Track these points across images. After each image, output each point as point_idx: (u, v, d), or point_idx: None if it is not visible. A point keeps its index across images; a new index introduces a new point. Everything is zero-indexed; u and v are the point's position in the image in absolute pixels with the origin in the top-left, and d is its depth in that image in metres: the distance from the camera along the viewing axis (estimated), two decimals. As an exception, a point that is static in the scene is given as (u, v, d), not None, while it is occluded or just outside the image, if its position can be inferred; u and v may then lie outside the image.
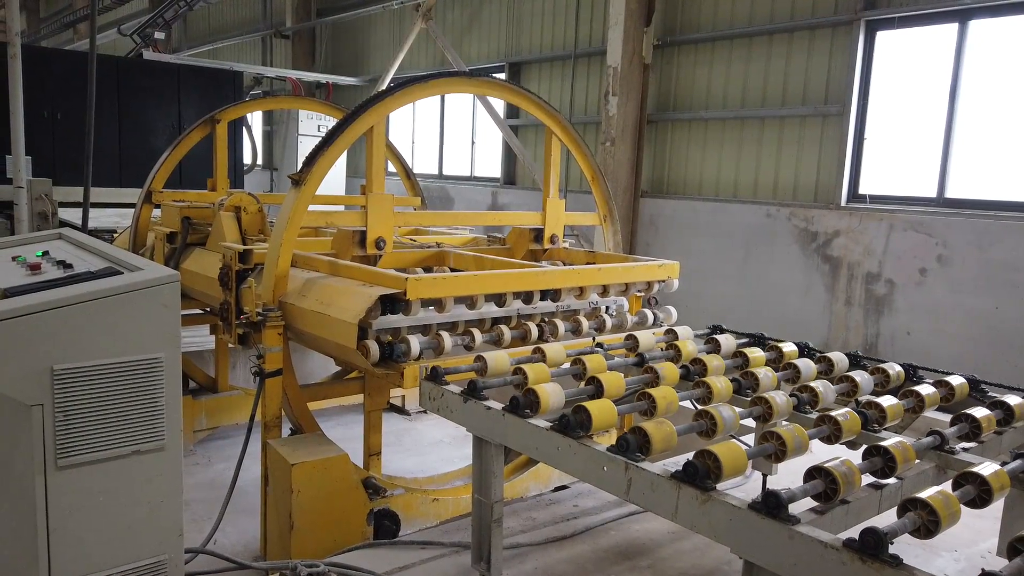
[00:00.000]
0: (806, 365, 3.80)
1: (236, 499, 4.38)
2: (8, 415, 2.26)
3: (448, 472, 5.32)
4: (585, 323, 4.52)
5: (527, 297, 4.32)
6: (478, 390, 3.30)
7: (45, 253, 2.93)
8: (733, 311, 9.01)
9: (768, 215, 8.74)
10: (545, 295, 4.35)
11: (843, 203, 8.18)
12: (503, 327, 4.17)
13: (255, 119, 18.22)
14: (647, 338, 4.17)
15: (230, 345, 5.07)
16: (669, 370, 3.64)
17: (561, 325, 4.37)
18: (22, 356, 2.18)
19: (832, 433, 2.98)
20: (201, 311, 6.43)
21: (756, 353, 4.04)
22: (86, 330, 2.28)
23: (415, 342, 3.81)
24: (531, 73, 12.20)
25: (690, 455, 2.54)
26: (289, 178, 4.25)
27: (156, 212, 6.27)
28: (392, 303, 3.79)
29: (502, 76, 12.24)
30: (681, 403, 3.21)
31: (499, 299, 4.19)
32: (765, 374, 3.61)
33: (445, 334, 3.92)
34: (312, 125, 14.75)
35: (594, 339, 4.47)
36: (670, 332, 4.33)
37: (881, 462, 2.65)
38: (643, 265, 4.90)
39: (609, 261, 5.04)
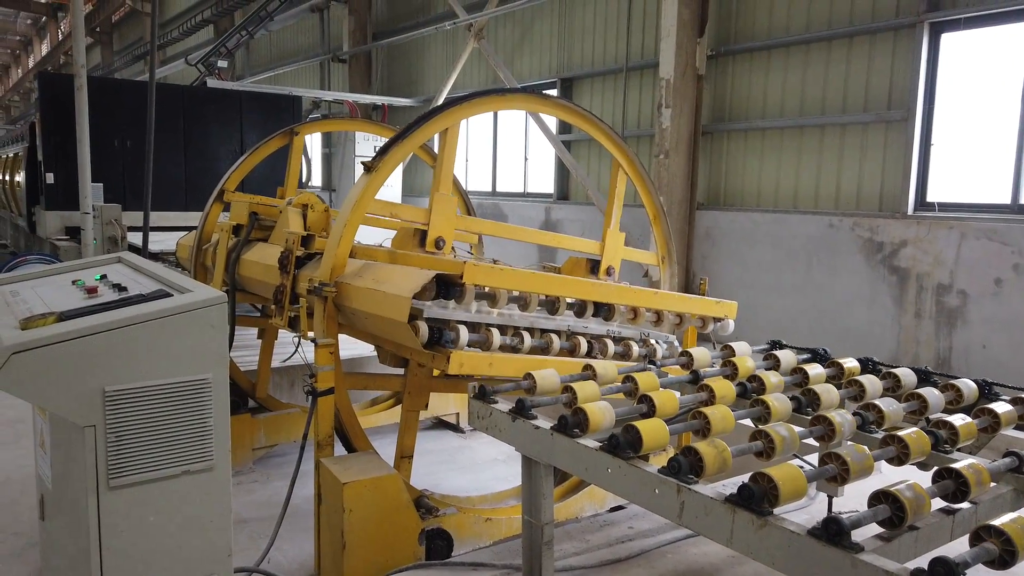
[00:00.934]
0: (871, 382, 3.62)
1: (295, 518, 4.41)
2: (63, 436, 2.31)
3: (502, 491, 5.26)
4: (635, 348, 4.41)
5: (579, 310, 4.25)
6: (526, 409, 3.24)
7: (103, 276, 3.01)
8: (794, 325, 8.74)
9: (830, 225, 8.47)
10: (598, 311, 4.27)
11: (910, 212, 7.87)
12: (552, 335, 4.11)
13: (314, 141, 18.68)
14: (702, 355, 4.05)
15: (283, 330, 5.02)
16: (725, 388, 3.51)
17: (611, 345, 4.28)
18: (75, 378, 2.23)
19: (899, 454, 2.82)
20: (252, 309, 6.52)
21: (817, 370, 3.88)
22: (137, 352, 2.32)
23: (464, 331, 3.76)
24: (583, 88, 12.18)
25: (746, 477, 2.43)
26: (362, 164, 4.28)
27: (224, 216, 6.41)
28: (447, 288, 3.74)
29: (554, 92, 12.25)
30: (738, 422, 3.09)
31: (552, 307, 4.12)
32: (827, 391, 3.46)
33: (495, 330, 3.87)
34: (368, 147, 15.01)
35: (647, 357, 4.37)
36: (727, 348, 4.20)
37: (953, 485, 2.49)
38: (699, 299, 4.77)
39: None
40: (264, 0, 16.95)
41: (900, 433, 2.81)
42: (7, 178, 14.40)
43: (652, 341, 4.62)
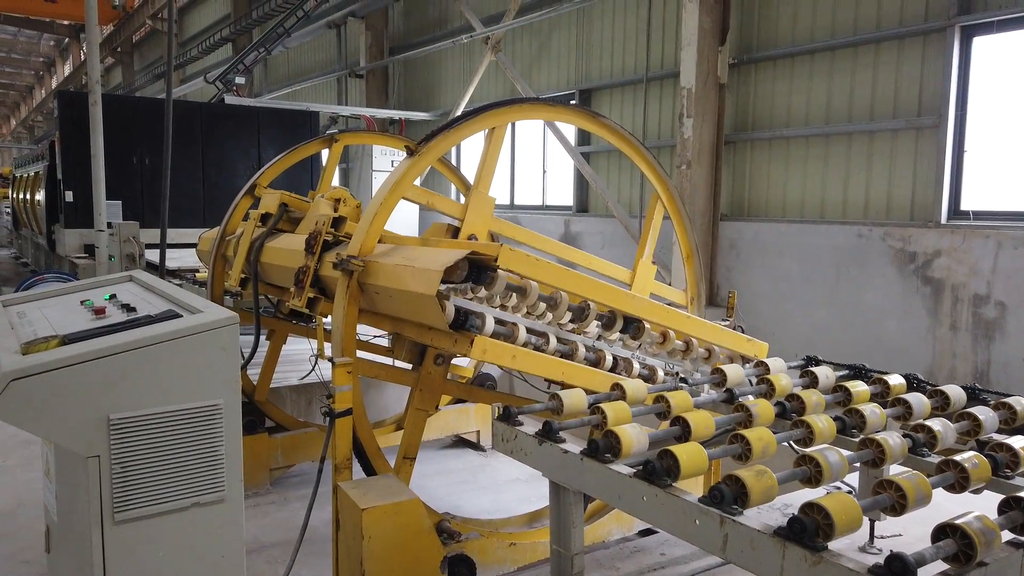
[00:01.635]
0: (918, 401, 3.42)
1: (314, 543, 4.27)
2: (67, 466, 2.17)
3: (526, 513, 5.08)
4: (661, 372, 4.23)
5: (608, 322, 4.08)
6: (554, 432, 3.08)
7: (112, 296, 2.89)
8: (824, 338, 8.50)
9: (860, 235, 8.24)
10: (627, 327, 4.09)
11: (943, 220, 7.63)
12: (578, 341, 3.94)
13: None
14: (736, 372, 3.87)
15: (299, 308, 4.80)
16: (763, 408, 3.32)
17: (636, 365, 4.10)
18: (78, 405, 2.10)
19: (958, 480, 2.62)
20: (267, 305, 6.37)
21: (859, 387, 3.68)
22: (143, 377, 2.19)
23: (490, 319, 3.61)
24: (602, 99, 12.04)
25: (787, 498, 2.24)
26: (406, 147, 4.15)
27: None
28: (479, 272, 3.59)
29: (574, 103, 12.12)
30: (779, 444, 2.91)
31: (580, 313, 3.96)
32: (872, 411, 3.26)
33: (521, 326, 3.72)
34: (386, 161, 14.97)
35: (677, 374, 4.18)
36: (761, 365, 4.01)
37: (1022, 516, 2.29)
38: (732, 333, 4.58)
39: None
40: (281, 17, 17.01)
41: (958, 458, 2.62)
42: (29, 197, 14.50)
43: (677, 371, 4.45)
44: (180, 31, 30.63)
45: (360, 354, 5.23)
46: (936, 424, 3.02)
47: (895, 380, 3.70)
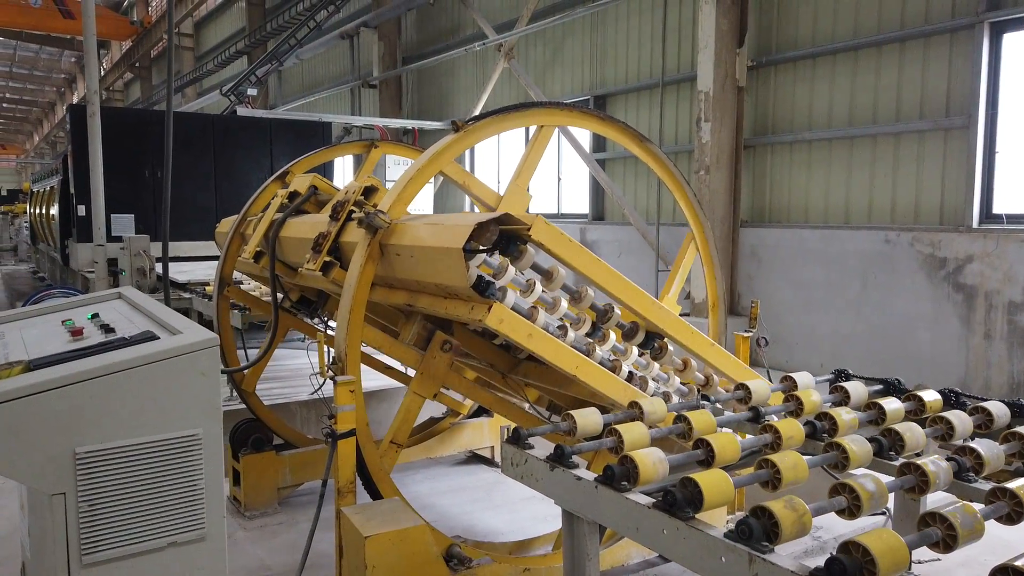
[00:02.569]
0: (959, 419, 3.17)
1: (322, 567, 4.07)
2: (36, 501, 1.98)
3: (541, 536, 4.86)
4: (675, 398, 3.99)
5: (629, 333, 3.85)
6: (566, 456, 2.87)
7: (95, 316, 2.71)
8: (850, 348, 8.21)
9: (887, 241, 7.95)
10: (648, 342, 3.86)
11: (975, 224, 7.34)
12: (595, 343, 3.73)
13: (345, 164, 18.61)
14: (761, 389, 3.63)
15: (311, 273, 4.53)
16: (791, 428, 3.09)
17: (652, 383, 3.86)
18: (40, 438, 1.92)
19: (1012, 511, 2.38)
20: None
21: (893, 404, 3.43)
22: (113, 406, 2.00)
23: (512, 294, 3.42)
24: (617, 104, 11.84)
25: (819, 520, 2.01)
26: (452, 122, 3.98)
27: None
28: (508, 242, 3.39)
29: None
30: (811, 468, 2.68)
31: (603, 316, 3.73)
32: (910, 431, 3.02)
33: (542, 310, 3.53)
34: (399, 172, 14.84)
35: (699, 391, 3.95)
36: (787, 380, 3.76)
37: (1091, 556, 2.04)
38: (757, 375, 4.35)
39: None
40: (293, 28, 17.01)
41: (1011, 486, 2.38)
42: (44, 211, 14.53)
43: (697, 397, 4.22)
44: (197, 45, 30.88)
45: (363, 361, 5.05)
46: (982, 447, 2.78)
47: (931, 396, 3.45)
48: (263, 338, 6.78)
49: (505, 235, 3.38)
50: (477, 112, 14.15)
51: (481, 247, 3.30)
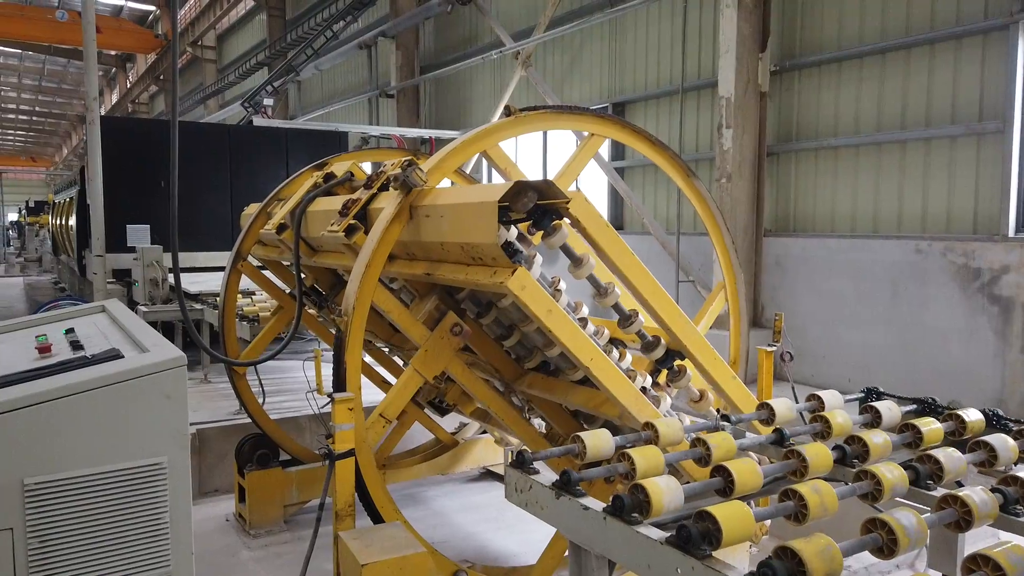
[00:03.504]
0: (1002, 443, 2.91)
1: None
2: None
3: (554, 557, 4.62)
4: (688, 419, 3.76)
5: (649, 345, 3.63)
6: (573, 483, 2.64)
7: (69, 331, 2.55)
8: (878, 363, 7.89)
9: (917, 251, 7.64)
10: (668, 359, 3.63)
11: (1011, 233, 7.02)
12: (612, 345, 3.52)
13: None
14: (785, 408, 3.39)
15: (333, 236, 4.36)
16: (819, 453, 2.84)
17: (667, 399, 3.63)
18: (-15, 468, 1.75)
19: (1069, 552, 2.12)
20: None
21: (931, 426, 3.17)
22: (68, 432, 1.83)
23: (537, 265, 3.25)
24: (636, 111, 11.62)
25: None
26: (505, 107, 3.83)
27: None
28: (542, 216, 3.22)
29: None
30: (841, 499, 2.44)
31: (626, 320, 3.52)
32: (951, 458, 2.76)
33: (564, 295, 3.41)
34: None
35: (719, 411, 3.71)
36: (813, 399, 3.51)
37: None
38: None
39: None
40: (311, 38, 17.03)
41: (1068, 523, 2.12)
42: (63, 222, 14.60)
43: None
44: (219, 57, 31.15)
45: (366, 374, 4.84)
46: (1032, 476, 2.52)
47: (972, 416, 3.19)
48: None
49: (541, 209, 3.20)
50: (495, 120, 14.04)
51: (517, 209, 3.13)
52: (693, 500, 2.51)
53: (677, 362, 3.69)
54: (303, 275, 5.51)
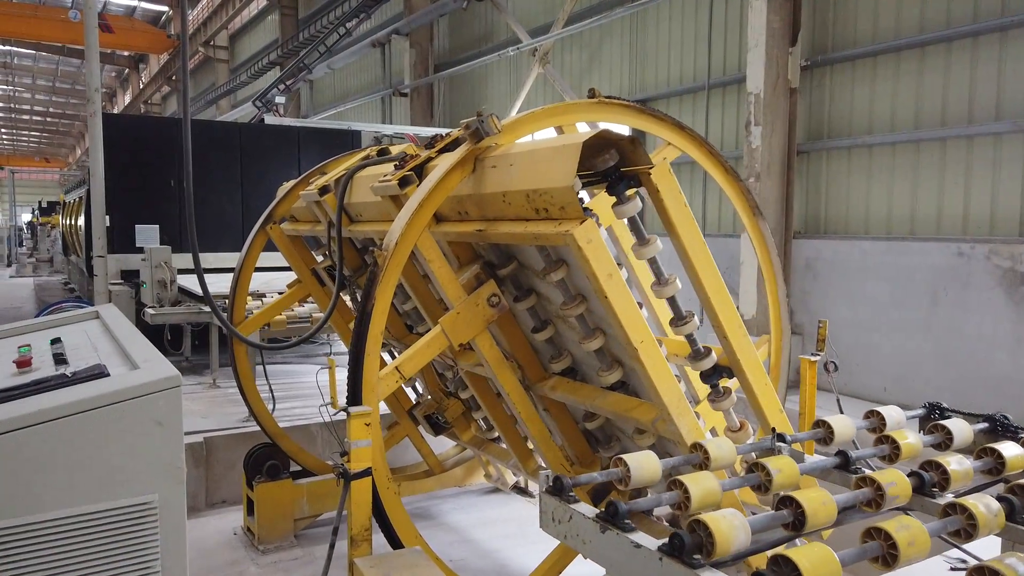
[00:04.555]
0: (1104, 472, 2.57)
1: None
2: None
3: (581, 581, 4.31)
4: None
5: (698, 354, 3.32)
6: (620, 516, 2.32)
7: (56, 341, 2.26)
8: (918, 371, 7.54)
9: (959, 254, 7.28)
10: (715, 374, 3.32)
11: (1061, 236, 6.66)
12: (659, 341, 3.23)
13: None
14: (845, 426, 3.06)
15: (381, 188, 4.09)
16: (896, 482, 2.51)
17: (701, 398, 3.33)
18: (-62, 511, 1.46)
19: None
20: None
21: (1013, 450, 2.83)
22: (41, 467, 1.53)
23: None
24: (658, 108, 11.29)
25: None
26: (590, 90, 3.67)
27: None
28: (619, 181, 2.97)
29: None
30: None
31: (679, 318, 3.21)
32: (1051, 490, 2.43)
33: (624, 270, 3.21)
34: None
35: (775, 431, 3.38)
36: (874, 415, 3.18)
37: None
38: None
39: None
40: (323, 35, 16.81)
41: None
42: (73, 222, 14.42)
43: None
44: (231, 57, 31.04)
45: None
46: None
47: (1054, 438, 2.86)
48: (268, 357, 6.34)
49: (621, 170, 2.96)
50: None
51: (596, 166, 2.91)
52: (758, 536, 2.20)
53: (723, 382, 3.36)
54: (329, 252, 5.31)
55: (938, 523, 2.25)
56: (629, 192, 3.02)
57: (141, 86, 42.14)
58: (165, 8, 32.77)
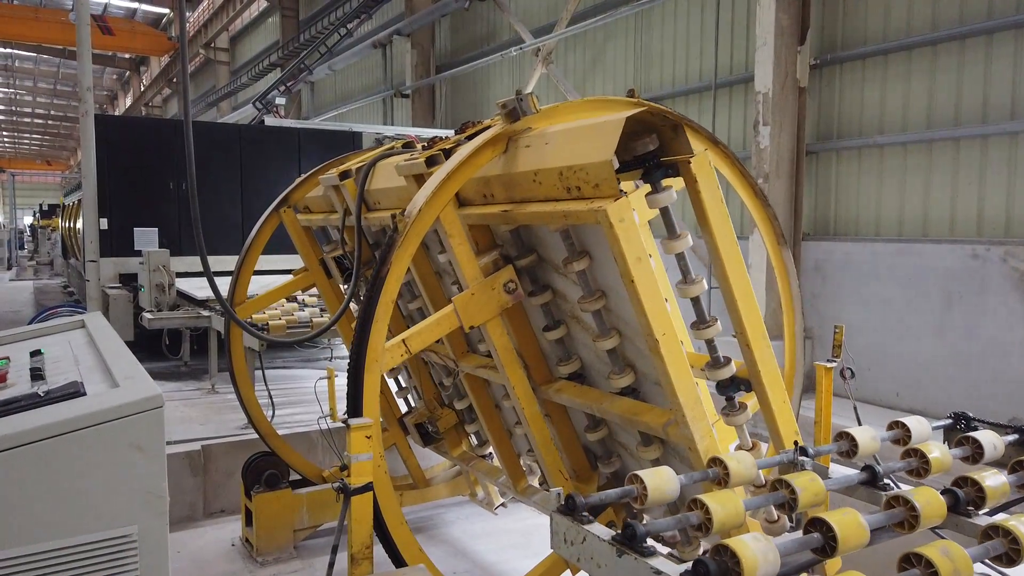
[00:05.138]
0: None
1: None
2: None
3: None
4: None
5: (717, 362, 3.17)
6: (639, 538, 2.18)
7: (36, 353, 2.11)
8: (931, 375, 7.38)
9: (974, 256, 7.13)
10: (732, 386, 3.16)
11: (1079, 238, 6.50)
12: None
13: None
14: (869, 439, 2.91)
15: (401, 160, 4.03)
16: (930, 501, 2.36)
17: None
18: None
19: None
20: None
21: (1049, 464, 2.68)
22: (4, 497, 1.38)
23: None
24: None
25: None
26: (629, 91, 3.50)
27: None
28: (656, 168, 2.85)
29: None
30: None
31: (700, 320, 3.07)
32: (1097, 511, 2.27)
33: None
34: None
35: (797, 444, 3.23)
36: (898, 426, 3.03)
37: None
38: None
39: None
40: (324, 36, 16.68)
41: None
42: (72, 225, 14.30)
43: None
44: (232, 59, 30.94)
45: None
46: None
47: (1091, 451, 2.71)
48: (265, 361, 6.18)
49: (659, 157, 2.84)
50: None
51: (636, 149, 2.80)
52: (788, 559, 2.05)
53: (740, 396, 3.20)
54: (341, 242, 5.18)
55: (979, 548, 2.11)
56: (665, 182, 2.88)
57: (142, 88, 42.08)
58: (166, 10, 32.69)
